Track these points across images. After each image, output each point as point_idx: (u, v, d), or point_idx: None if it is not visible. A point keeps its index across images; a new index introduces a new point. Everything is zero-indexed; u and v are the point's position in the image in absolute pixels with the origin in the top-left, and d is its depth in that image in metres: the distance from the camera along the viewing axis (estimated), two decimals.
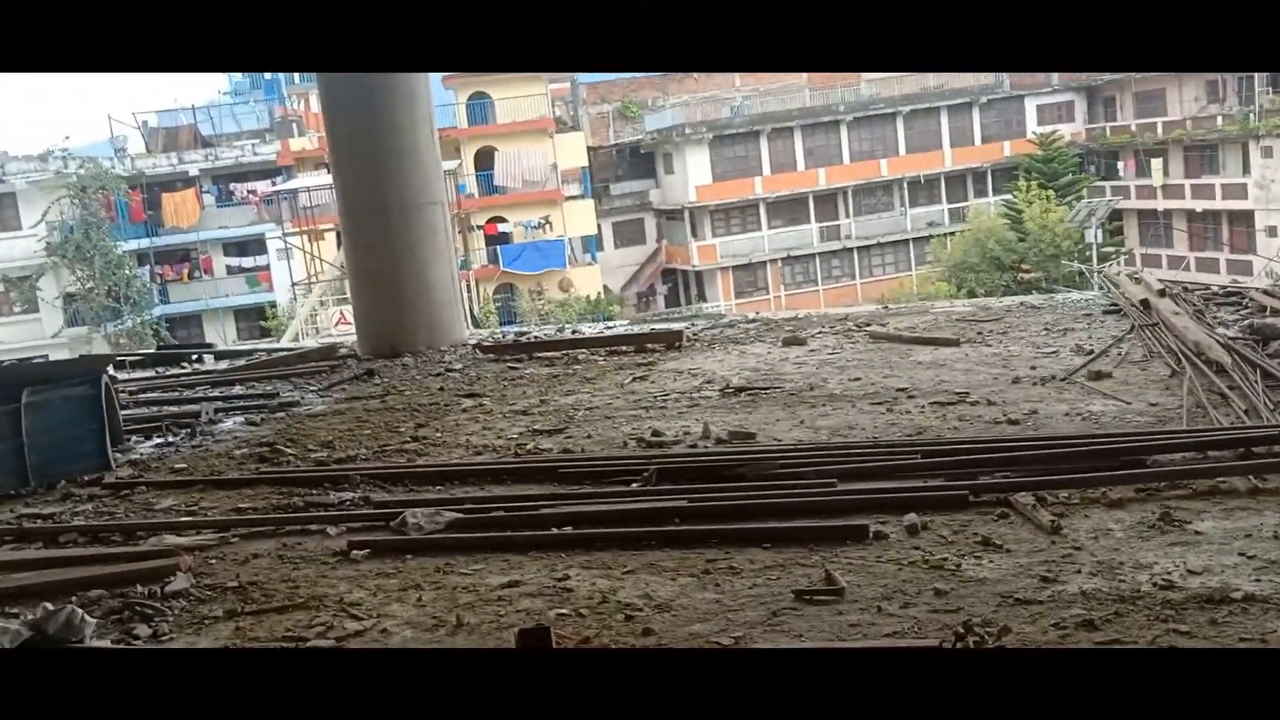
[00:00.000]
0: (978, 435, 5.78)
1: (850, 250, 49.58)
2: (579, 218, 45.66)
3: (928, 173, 48.82)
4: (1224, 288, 8.73)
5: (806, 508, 4.80)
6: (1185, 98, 44.71)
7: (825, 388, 7.40)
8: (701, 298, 50.47)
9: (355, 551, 4.83)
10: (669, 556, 4.45)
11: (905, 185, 49.09)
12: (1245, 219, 42.07)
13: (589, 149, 50.88)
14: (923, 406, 6.56)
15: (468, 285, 35.41)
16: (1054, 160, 44.68)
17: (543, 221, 44.85)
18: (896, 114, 48.66)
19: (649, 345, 9.67)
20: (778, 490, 5.04)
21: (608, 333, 10.55)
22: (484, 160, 44.90)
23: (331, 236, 34.52)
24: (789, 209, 49.32)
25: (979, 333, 8.58)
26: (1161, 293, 8.04)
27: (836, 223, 49.66)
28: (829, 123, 48.47)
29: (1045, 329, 8.40)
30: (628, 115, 51.51)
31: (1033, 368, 7.20)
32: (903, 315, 9.90)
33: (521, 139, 44.47)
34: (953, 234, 45.39)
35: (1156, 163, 44.52)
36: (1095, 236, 38.40)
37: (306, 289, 32.25)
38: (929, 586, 3.93)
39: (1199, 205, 43.58)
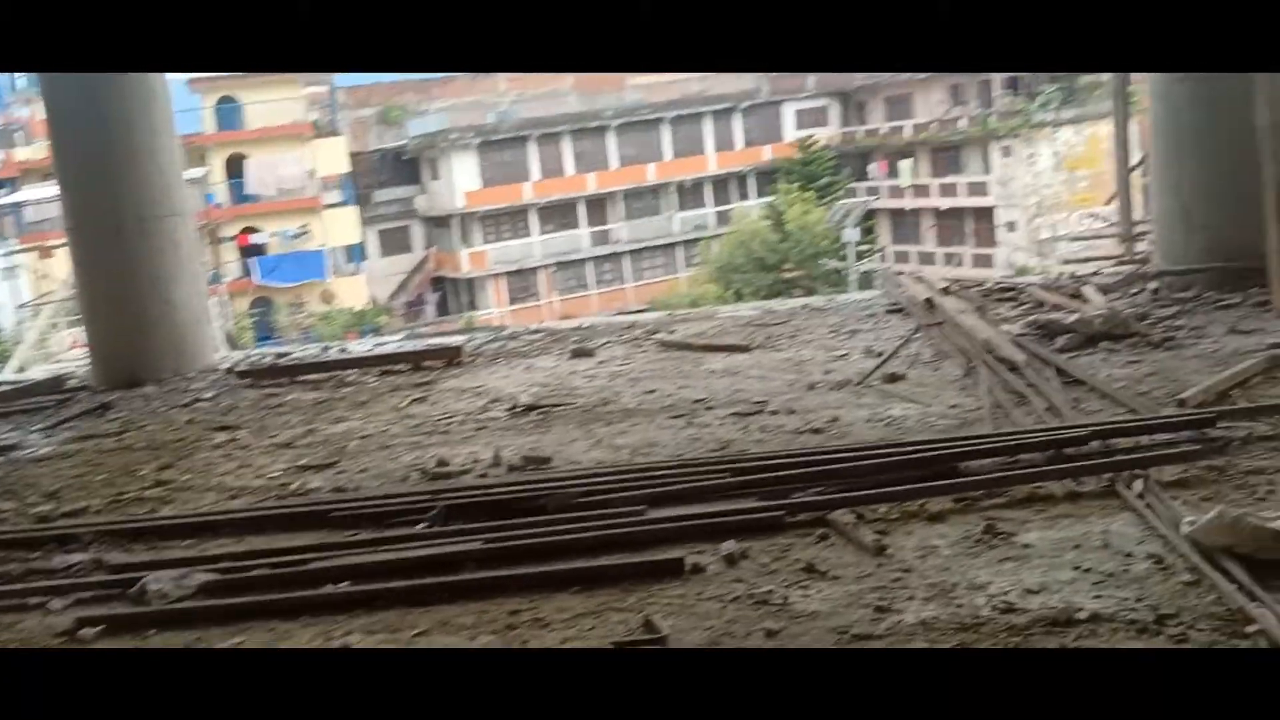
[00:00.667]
0: (784, 447, 5.50)
1: (621, 254, 49.95)
2: (341, 226, 43.89)
3: (694, 177, 49.82)
4: (999, 284, 8.93)
5: (616, 541, 4.35)
6: (931, 101, 47.50)
7: (620, 402, 6.99)
8: (473, 305, 49.54)
9: (85, 630, 4.01)
10: (465, 611, 3.89)
11: (672, 189, 49.90)
12: (987, 215, 45.16)
13: (352, 154, 49.01)
14: (722, 419, 6.24)
15: (220, 302, 33.15)
16: (812, 163, 46.56)
17: (301, 230, 42.78)
18: (661, 120, 49.38)
19: (426, 363, 8.99)
20: (583, 523, 4.56)
21: (380, 350, 9.79)
22: (235, 167, 42.39)
23: (63, 253, 31.62)
24: (559, 214, 49.17)
25: (768, 337, 8.40)
26: (945, 290, 8.10)
27: (607, 227, 49.90)
28: (596, 128, 48.64)
29: (832, 331, 8.31)
30: (390, 120, 49.92)
31: (827, 372, 7.04)
32: (690, 321, 9.65)
33: (276, 144, 42.31)
34: (719, 236, 46.48)
35: (906, 164, 47.16)
36: (852, 235, 40.14)
37: (34, 311, 29.31)
38: (758, 626, 3.55)
39: (945, 203, 46.44)
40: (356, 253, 46.81)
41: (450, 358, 8.99)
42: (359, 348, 10.48)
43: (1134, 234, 9.87)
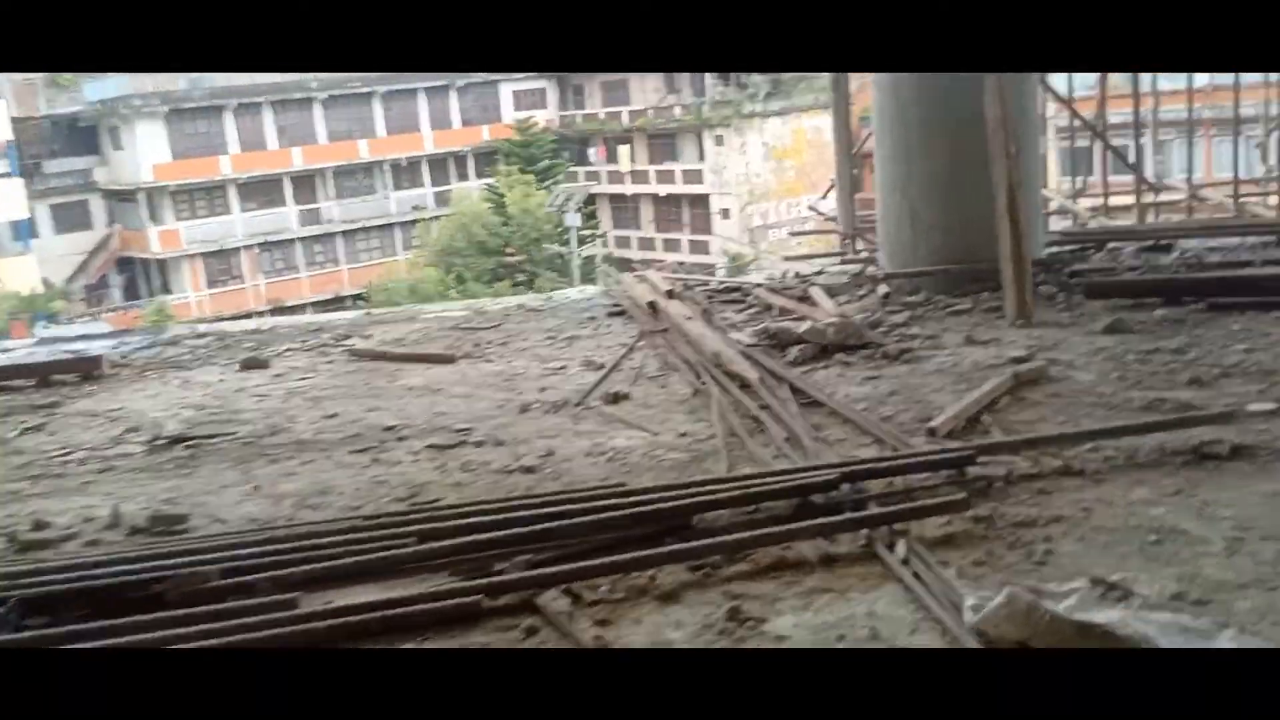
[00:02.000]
0: (488, 493, 4.52)
1: (333, 235, 47.23)
2: (5, 199, 38.76)
3: (409, 155, 47.80)
4: (724, 284, 8.31)
5: (250, 650, 3.22)
6: (647, 88, 47.78)
7: (293, 430, 5.77)
8: (166, 289, 45.43)
9: None
10: None
11: (387, 167, 47.66)
12: (703, 202, 45.96)
13: (17, 120, 43.51)
14: (416, 453, 5.18)
15: None
16: (531, 145, 45.73)
17: None
18: (373, 94, 47.04)
19: (56, 377, 7.35)
20: (208, 621, 3.39)
21: None
22: None
23: None
24: (263, 190, 45.83)
25: (476, 344, 7.38)
26: (670, 293, 7.36)
27: (316, 205, 47.03)
28: (302, 99, 45.67)
29: (549, 337, 7.39)
30: (61, 83, 44.75)
31: (542, 390, 6.11)
32: (388, 323, 8.47)
33: None
34: (438, 218, 44.86)
35: (624, 149, 47.24)
36: (574, 220, 39.69)
37: None
38: None
39: (663, 190, 46.91)
40: (24, 229, 41.66)
41: (87, 371, 7.39)
42: None
43: (855, 231, 9.57)
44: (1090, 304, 6.77)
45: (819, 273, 8.77)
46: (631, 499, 4.07)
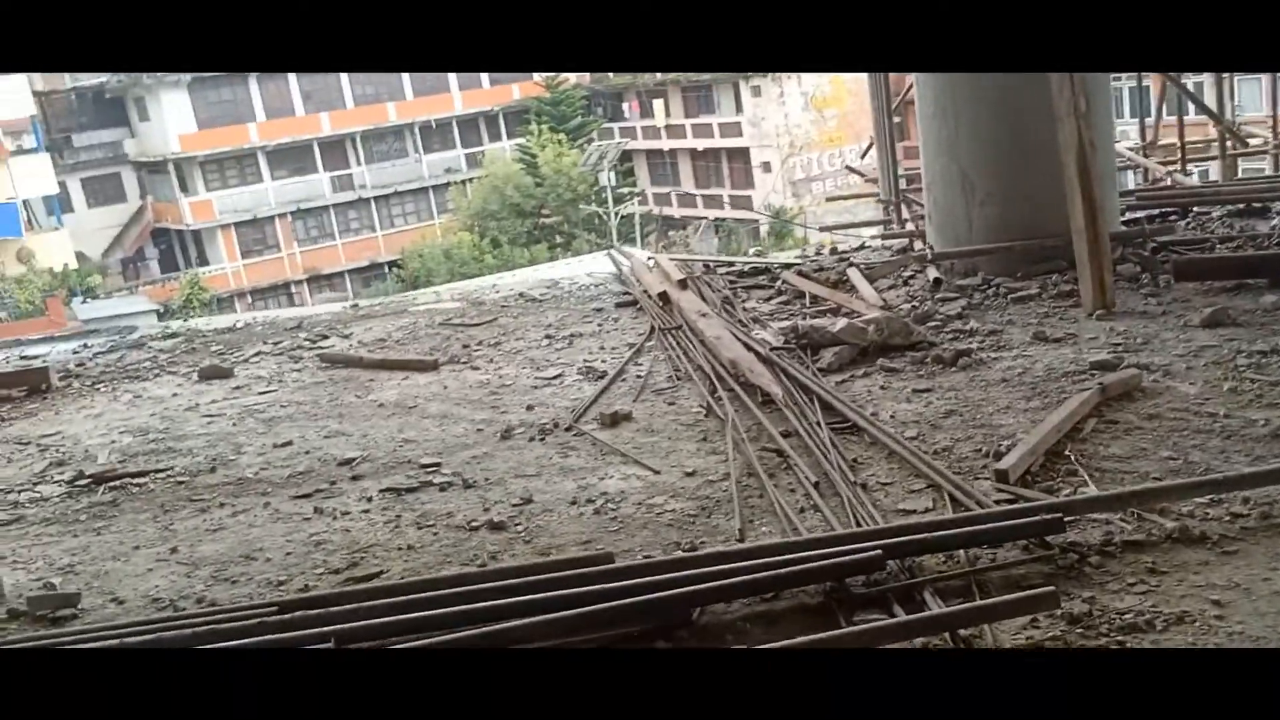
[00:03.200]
0: (439, 561, 3.63)
1: (367, 200, 46.41)
2: (33, 175, 38.29)
3: (439, 116, 46.71)
4: (749, 263, 7.29)
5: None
6: None
7: (237, 463, 4.91)
8: (202, 260, 44.99)
9: None
10: None
11: (417, 130, 46.67)
12: (742, 155, 44.56)
13: (39, 94, 43.04)
14: (370, 498, 4.29)
15: None
16: (562, 103, 44.49)
17: None
18: None
19: (2, 390, 6.56)
20: None
21: None
22: None
23: None
24: (293, 157, 45.02)
25: (464, 345, 6.47)
26: (683, 283, 6.37)
27: (349, 171, 46.17)
28: None
29: (547, 335, 6.46)
30: None
31: (529, 407, 5.19)
32: (374, 318, 7.57)
33: None
34: (471, 180, 43.93)
35: (659, 103, 45.86)
36: (609, 179, 38.53)
37: None
38: None
39: (700, 144, 45.52)
40: (56, 205, 41.28)
41: (34, 384, 6.60)
42: None
43: (898, 198, 8.49)
44: (1181, 286, 5.70)
45: (860, 247, 7.73)
46: (614, 583, 3.15)
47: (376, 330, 7.15)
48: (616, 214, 39.10)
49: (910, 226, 7.95)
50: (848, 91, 46.28)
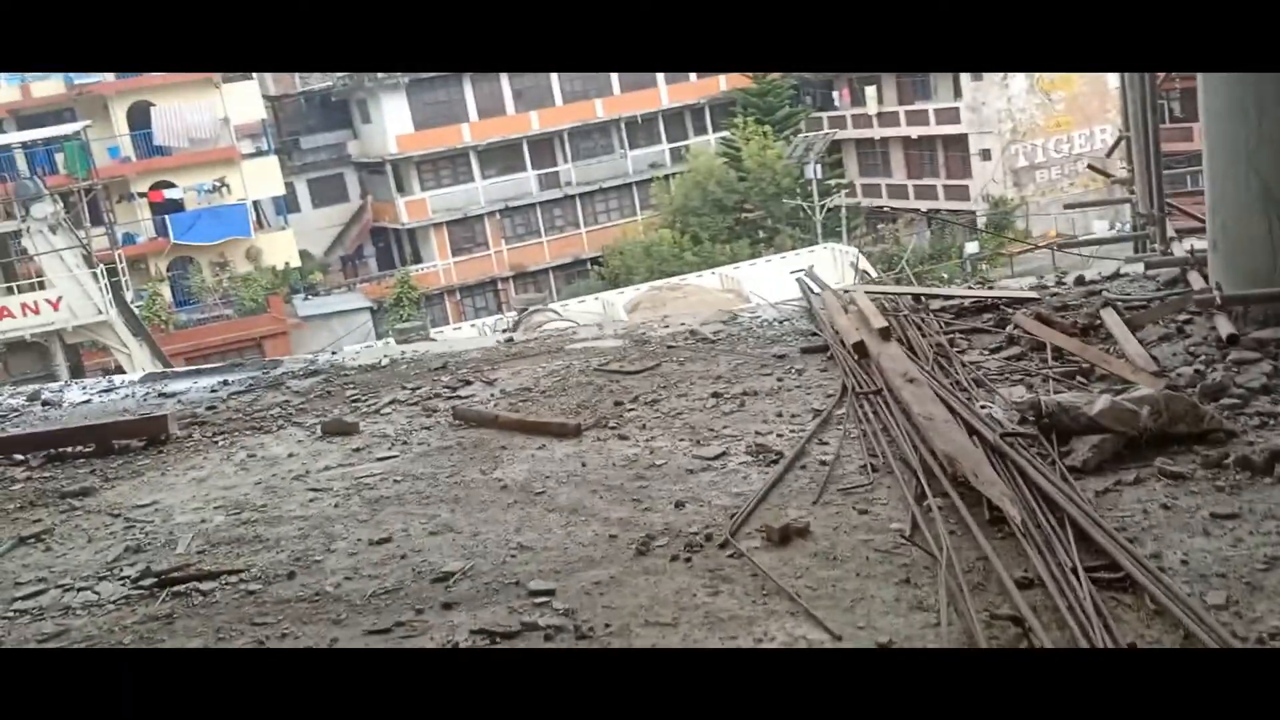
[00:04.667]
0: None
1: (572, 198, 46.49)
2: (262, 177, 40.11)
3: (645, 112, 46.24)
4: (974, 300, 5.88)
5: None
6: None
7: (323, 565, 4.03)
8: (416, 258, 46.23)
9: None
10: None
11: (623, 126, 46.35)
12: (959, 143, 41.93)
13: (273, 99, 45.25)
14: (452, 642, 3.29)
15: (122, 260, 29.79)
16: (769, 94, 43.10)
17: (218, 184, 39.06)
18: None
19: (121, 440, 5.99)
20: None
21: (63, 422, 6.71)
22: (140, 118, 38.57)
23: None
24: (503, 156, 45.62)
25: (617, 402, 5.41)
26: (885, 333, 5.07)
27: (555, 169, 46.39)
28: None
29: (715, 391, 5.31)
30: None
31: (679, 504, 4.08)
32: (526, 358, 6.62)
33: (182, 91, 38.40)
34: (674, 175, 43.22)
35: (871, 90, 43.77)
36: (815, 172, 36.95)
37: None
38: None
39: (914, 132, 43.16)
40: (282, 205, 43.20)
41: (153, 434, 5.99)
42: (76, 394, 7.40)
43: (1162, 213, 6.83)
44: None
45: (1114, 275, 6.20)
46: None
47: (524, 375, 6.20)
48: (822, 207, 37.42)
49: (1177, 248, 6.35)
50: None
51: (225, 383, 7.07)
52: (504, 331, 25.70)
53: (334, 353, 7.44)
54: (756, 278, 27.99)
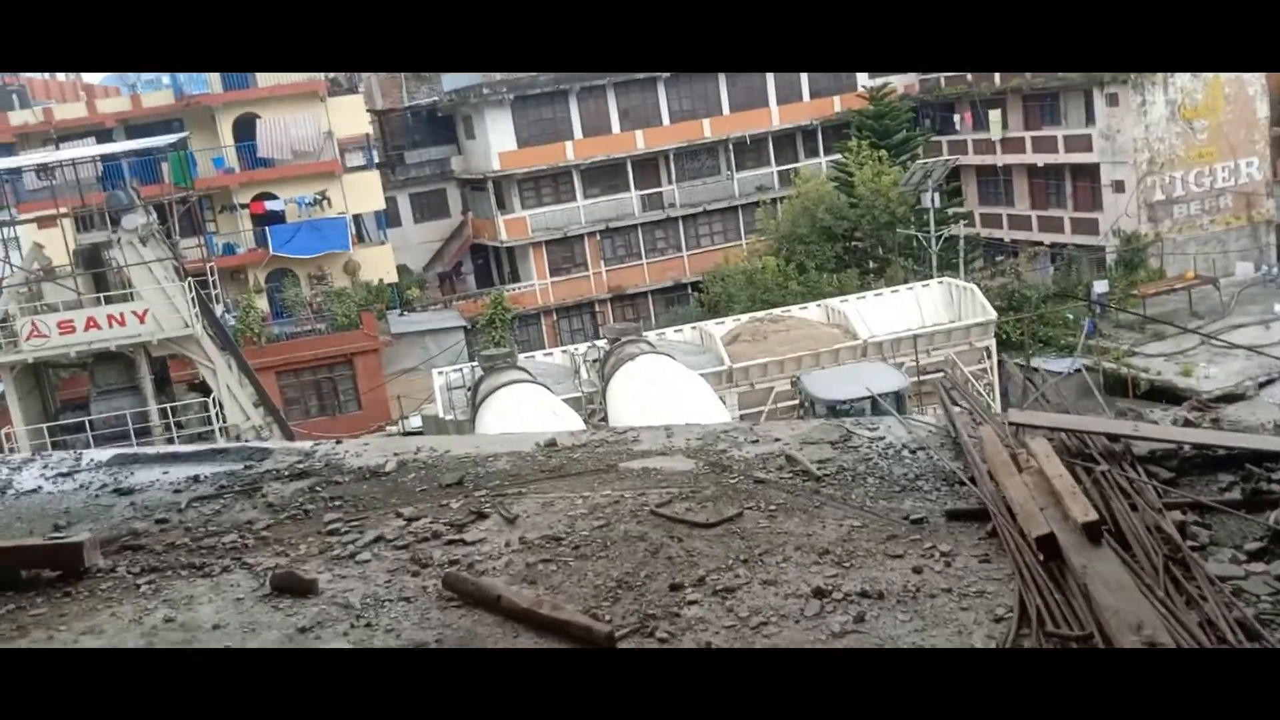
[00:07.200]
0: None
1: (675, 220, 44.97)
2: (363, 191, 39.58)
3: (754, 132, 44.49)
4: (1200, 446, 4.06)
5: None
6: None
7: None
8: (515, 276, 45.24)
9: None
10: None
11: (730, 147, 44.67)
12: (1089, 173, 39.14)
13: (378, 112, 44.87)
14: None
15: (213, 273, 29.33)
16: (886, 116, 40.92)
17: (319, 198, 38.61)
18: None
19: (30, 570, 4.56)
20: None
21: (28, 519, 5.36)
22: (245, 130, 38.37)
23: (67, 223, 27.86)
24: (606, 176, 44.37)
25: (673, 585, 3.69)
26: (1094, 528, 3.21)
27: (659, 190, 44.95)
28: (645, 80, 43.54)
29: (818, 590, 3.56)
30: (422, 75, 45.48)
31: None
32: (568, 477, 4.95)
33: (288, 104, 38.11)
34: (782, 199, 41.33)
35: (995, 114, 41.22)
36: (932, 201, 34.64)
37: None
38: None
39: (1040, 159, 40.50)
40: (382, 220, 42.64)
41: (68, 567, 4.54)
42: (30, 477, 6.04)
43: None
44: None
45: None
46: None
47: (558, 510, 4.57)
48: (938, 238, 35.09)
49: None
50: (1224, 98, 39.74)
51: (196, 480, 5.61)
52: (594, 362, 24.48)
53: (338, 441, 5.91)
54: (865, 312, 26.01)
